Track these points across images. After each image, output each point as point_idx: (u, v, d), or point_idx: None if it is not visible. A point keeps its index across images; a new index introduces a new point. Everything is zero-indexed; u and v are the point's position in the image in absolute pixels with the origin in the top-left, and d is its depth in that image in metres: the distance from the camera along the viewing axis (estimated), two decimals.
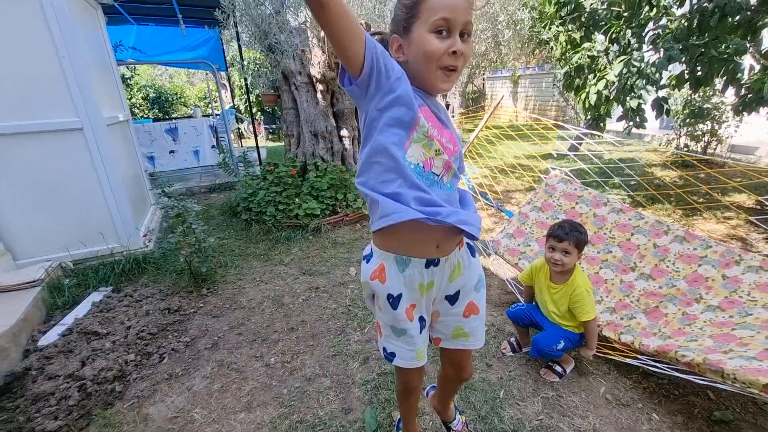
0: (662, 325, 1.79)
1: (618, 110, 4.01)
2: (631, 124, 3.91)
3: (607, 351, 1.86)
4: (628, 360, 1.76)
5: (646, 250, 2.13)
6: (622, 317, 1.95)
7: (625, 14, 3.83)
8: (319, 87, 4.05)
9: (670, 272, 1.97)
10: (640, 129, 4.12)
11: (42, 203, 2.82)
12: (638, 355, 1.73)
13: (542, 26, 4.94)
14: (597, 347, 1.80)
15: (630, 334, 1.81)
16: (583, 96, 4.10)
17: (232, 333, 2.27)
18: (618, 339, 1.83)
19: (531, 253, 2.53)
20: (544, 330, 1.85)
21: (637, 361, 1.72)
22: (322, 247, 3.42)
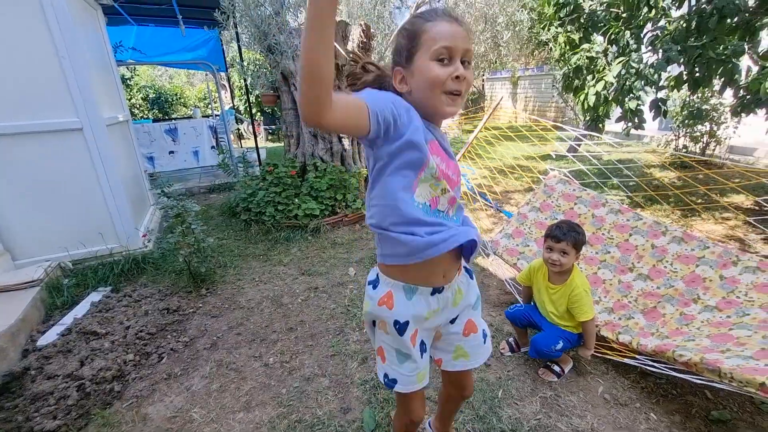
0: (660, 325, 1.80)
1: (617, 111, 4.02)
2: (630, 125, 3.92)
3: (606, 351, 1.87)
4: (626, 360, 1.76)
5: (644, 250, 2.14)
6: (620, 317, 1.96)
7: (624, 15, 3.84)
8: None
9: (668, 273, 1.98)
10: (639, 130, 4.13)
11: (41, 203, 2.82)
12: (636, 354, 1.74)
13: (541, 27, 4.95)
14: (595, 347, 1.81)
15: (628, 334, 1.82)
16: (581, 97, 4.11)
17: (231, 333, 2.27)
18: (616, 339, 1.84)
19: (530, 254, 2.54)
20: (543, 330, 1.85)
21: (635, 361, 1.72)
22: (321, 248, 3.42)
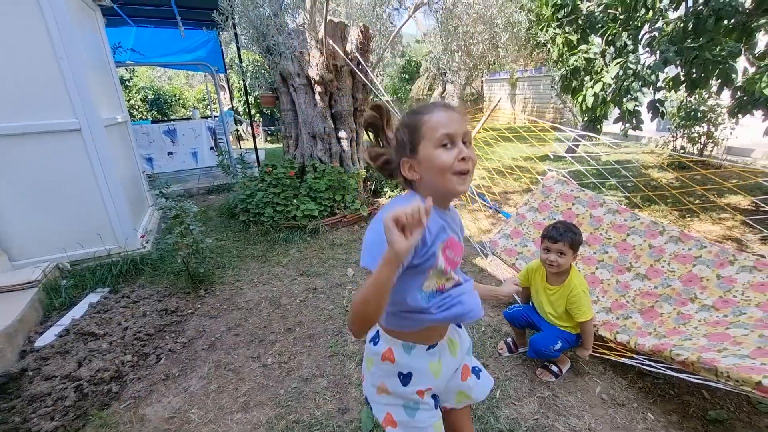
0: (657, 324, 1.80)
1: (615, 112, 4.04)
2: (628, 126, 3.94)
3: (603, 351, 1.87)
4: (624, 359, 1.77)
5: (642, 250, 2.14)
6: (617, 317, 1.96)
7: (622, 17, 3.86)
8: (317, 89, 4.06)
9: (666, 272, 1.99)
10: (637, 131, 4.14)
11: (39, 204, 2.82)
12: (634, 354, 1.74)
13: (539, 28, 4.96)
14: (593, 347, 1.81)
15: (626, 334, 1.82)
16: (580, 98, 4.12)
17: (230, 334, 2.27)
18: (614, 339, 1.84)
19: (528, 254, 2.54)
20: (542, 330, 1.86)
21: (632, 361, 1.73)
22: (320, 248, 3.42)
